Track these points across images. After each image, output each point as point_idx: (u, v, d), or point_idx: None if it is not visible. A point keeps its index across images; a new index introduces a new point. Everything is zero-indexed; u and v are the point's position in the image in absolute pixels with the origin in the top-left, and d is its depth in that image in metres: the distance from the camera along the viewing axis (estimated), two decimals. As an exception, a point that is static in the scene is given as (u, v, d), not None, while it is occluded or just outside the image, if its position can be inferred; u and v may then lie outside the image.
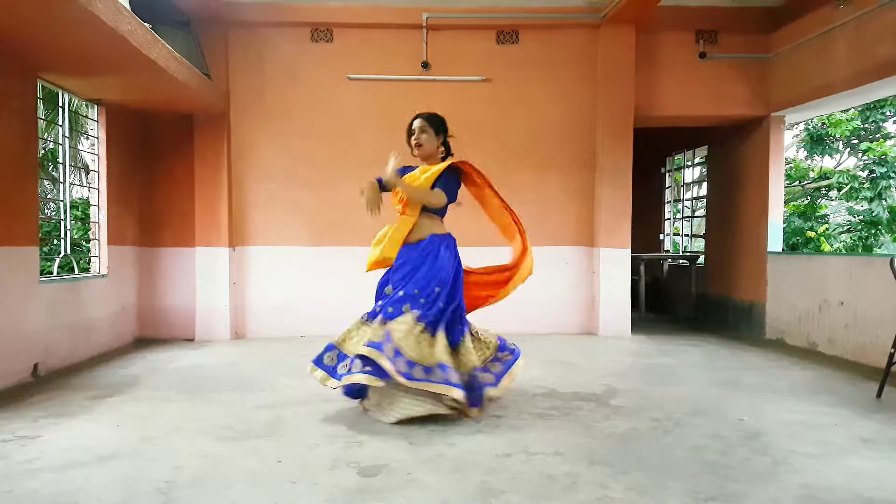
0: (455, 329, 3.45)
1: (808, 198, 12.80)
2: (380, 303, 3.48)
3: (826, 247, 11.29)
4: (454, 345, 3.40)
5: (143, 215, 6.24)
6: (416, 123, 3.63)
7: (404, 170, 3.64)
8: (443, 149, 3.70)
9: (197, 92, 5.41)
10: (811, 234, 11.36)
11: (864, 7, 5.18)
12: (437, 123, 3.65)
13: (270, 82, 6.37)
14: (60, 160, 5.28)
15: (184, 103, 5.83)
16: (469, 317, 3.66)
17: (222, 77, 6.21)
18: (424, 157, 3.65)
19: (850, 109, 10.07)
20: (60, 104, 5.26)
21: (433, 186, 3.50)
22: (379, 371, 3.15)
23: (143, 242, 6.27)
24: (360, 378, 3.19)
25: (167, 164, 6.29)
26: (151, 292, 6.30)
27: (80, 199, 9.69)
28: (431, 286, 3.37)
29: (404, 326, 3.24)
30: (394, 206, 3.64)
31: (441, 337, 3.31)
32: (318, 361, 3.44)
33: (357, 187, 3.74)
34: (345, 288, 6.39)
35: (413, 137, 3.62)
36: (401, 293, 3.37)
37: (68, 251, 5.25)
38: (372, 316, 3.44)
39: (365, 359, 3.20)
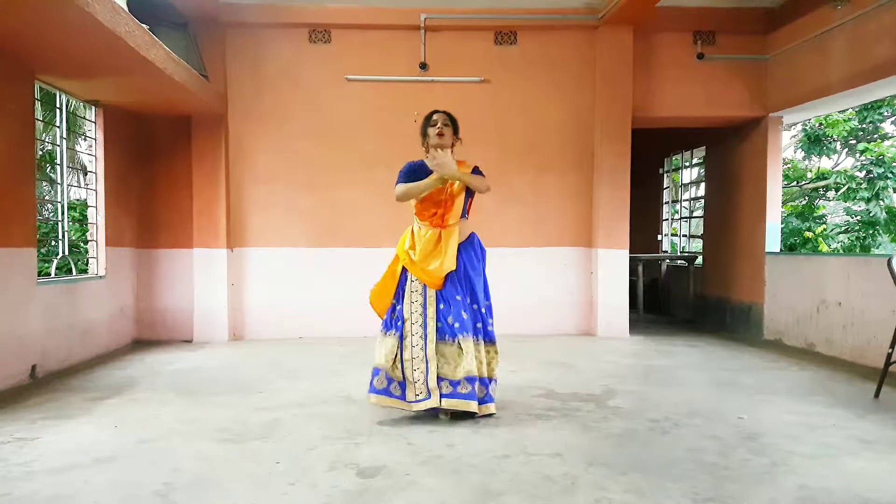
0: None
1: (806, 198, 12.83)
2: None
3: (824, 247, 11.31)
4: None
5: (140, 217, 6.23)
6: (439, 116, 3.69)
7: (421, 164, 3.67)
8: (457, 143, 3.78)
9: (195, 93, 5.40)
10: (809, 234, 11.39)
11: (862, 8, 5.19)
12: (454, 122, 3.76)
13: (268, 83, 6.36)
14: (58, 161, 5.27)
15: (182, 105, 5.82)
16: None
17: (220, 78, 6.20)
18: (443, 147, 3.62)
19: (847, 110, 10.09)
20: (58, 105, 5.26)
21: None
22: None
23: (141, 244, 6.26)
24: None
25: (165, 165, 6.28)
26: (149, 294, 6.29)
27: (77, 200, 9.64)
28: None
29: None
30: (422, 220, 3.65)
31: None
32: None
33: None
34: (343, 289, 6.39)
35: (437, 126, 3.64)
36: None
37: (66, 252, 5.24)
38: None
39: None
